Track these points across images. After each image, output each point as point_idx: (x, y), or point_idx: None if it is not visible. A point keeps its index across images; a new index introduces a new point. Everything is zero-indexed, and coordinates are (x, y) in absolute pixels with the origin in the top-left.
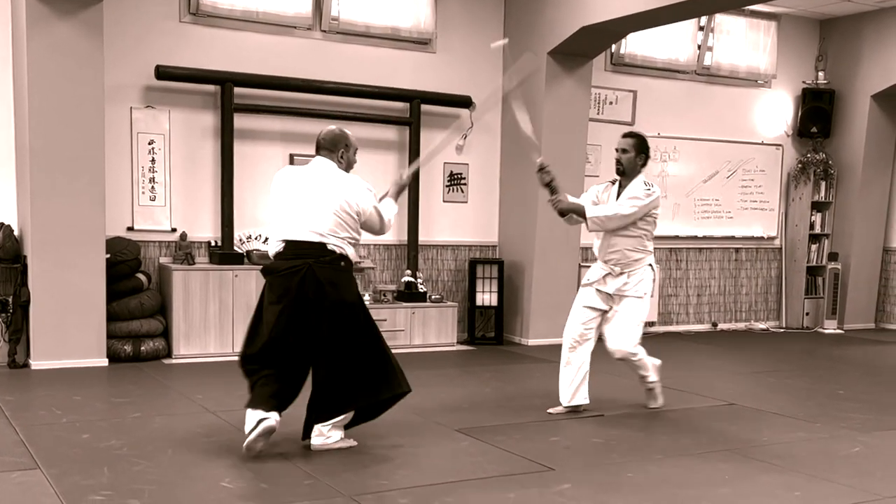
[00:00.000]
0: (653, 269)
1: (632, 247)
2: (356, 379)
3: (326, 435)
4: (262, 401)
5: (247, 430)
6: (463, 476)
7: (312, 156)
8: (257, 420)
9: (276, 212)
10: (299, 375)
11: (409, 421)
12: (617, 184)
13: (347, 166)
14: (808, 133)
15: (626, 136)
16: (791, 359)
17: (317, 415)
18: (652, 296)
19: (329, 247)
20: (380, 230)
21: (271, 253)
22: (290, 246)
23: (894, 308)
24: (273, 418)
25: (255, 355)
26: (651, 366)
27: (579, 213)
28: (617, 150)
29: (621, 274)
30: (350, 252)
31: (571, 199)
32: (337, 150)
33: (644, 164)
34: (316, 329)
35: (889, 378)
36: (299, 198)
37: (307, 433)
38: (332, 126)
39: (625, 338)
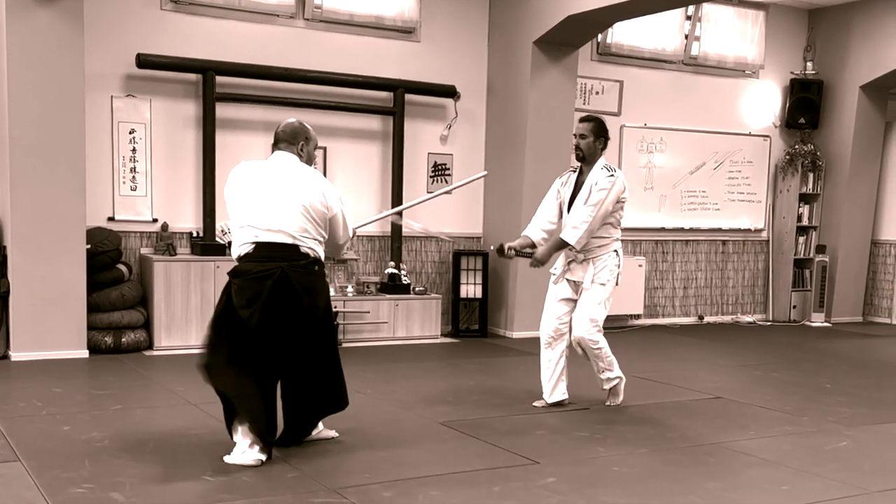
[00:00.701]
0: (618, 254)
1: (602, 233)
2: (331, 385)
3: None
4: (259, 434)
5: (238, 456)
6: (447, 469)
7: None
8: (253, 459)
9: (239, 210)
10: (270, 384)
11: (393, 414)
12: (578, 171)
13: (308, 160)
14: (796, 124)
15: (583, 120)
16: (778, 352)
17: (304, 427)
18: (617, 284)
19: (302, 249)
20: (342, 238)
21: (237, 254)
22: (261, 248)
23: (882, 301)
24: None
25: (222, 364)
26: (614, 361)
27: (559, 247)
28: (575, 135)
29: (585, 261)
30: (321, 253)
31: (536, 233)
32: (297, 142)
33: (604, 148)
34: (287, 335)
35: (877, 372)
36: (266, 195)
37: (293, 441)
38: (290, 119)
39: (583, 323)
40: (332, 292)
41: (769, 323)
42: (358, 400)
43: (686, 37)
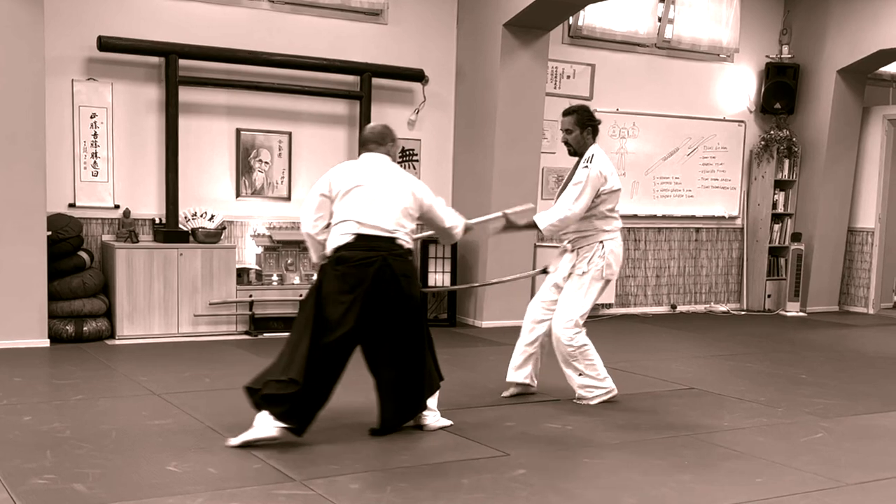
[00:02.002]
0: (603, 246)
1: (583, 226)
2: (425, 372)
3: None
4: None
5: (257, 433)
6: (416, 461)
7: (260, 130)
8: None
9: (339, 206)
10: (335, 378)
11: (360, 404)
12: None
13: (392, 159)
14: (771, 109)
15: (565, 114)
16: (752, 342)
17: (404, 415)
18: (604, 279)
19: (398, 241)
20: (448, 222)
21: (335, 245)
22: (361, 238)
23: (859, 291)
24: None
25: (326, 348)
26: (599, 366)
27: (531, 226)
28: (561, 130)
29: (572, 251)
30: (412, 245)
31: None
32: (385, 143)
33: (593, 135)
34: (386, 320)
35: (853, 362)
36: (364, 192)
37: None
38: (374, 123)
39: (558, 317)
40: (297, 280)
41: (743, 312)
42: None
43: (659, 19)
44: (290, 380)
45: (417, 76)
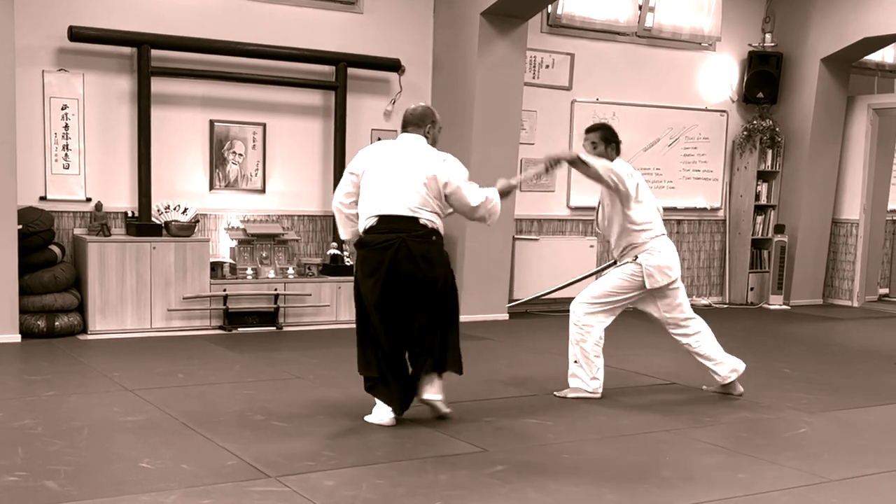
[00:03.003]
0: (636, 259)
1: (622, 241)
2: (447, 347)
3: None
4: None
5: (379, 417)
6: (392, 457)
7: (234, 121)
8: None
9: (366, 187)
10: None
11: (337, 401)
12: None
13: (433, 142)
14: (754, 99)
15: (590, 130)
16: (735, 336)
17: (429, 365)
18: (629, 287)
19: (421, 221)
20: (475, 201)
21: (363, 227)
22: (383, 220)
23: (843, 283)
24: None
25: (370, 332)
26: (595, 366)
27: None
28: (586, 145)
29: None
30: (440, 225)
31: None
32: (424, 125)
33: (617, 152)
34: (407, 303)
35: (837, 356)
36: (389, 172)
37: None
38: (420, 103)
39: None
40: (271, 274)
41: (725, 306)
42: (299, 386)
43: (640, 7)
44: (377, 380)
45: (394, 66)
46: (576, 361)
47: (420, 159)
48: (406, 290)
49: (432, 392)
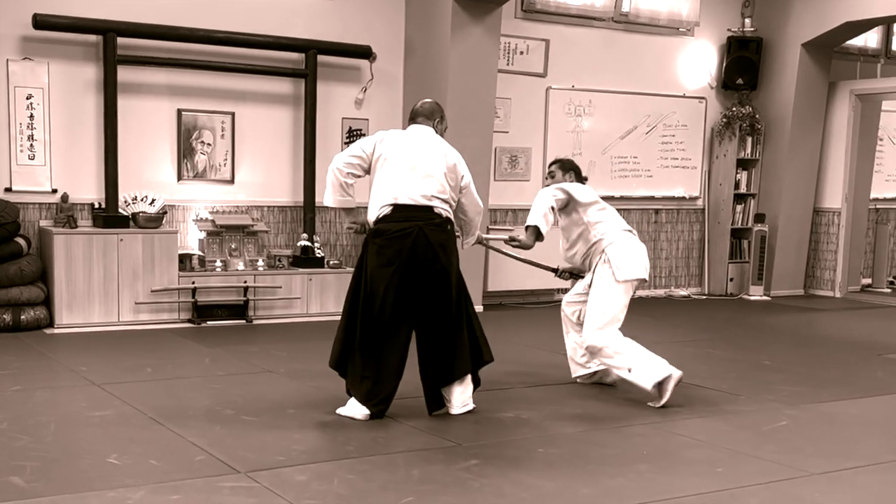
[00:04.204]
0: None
1: (582, 248)
2: (467, 342)
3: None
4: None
5: (352, 412)
6: (365, 452)
7: (202, 110)
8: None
9: (380, 175)
10: (403, 350)
11: (308, 394)
12: None
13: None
14: (733, 85)
15: (551, 164)
16: (714, 327)
17: (442, 378)
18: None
19: (436, 209)
20: (477, 213)
21: (375, 216)
22: (398, 209)
23: (825, 273)
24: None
25: (374, 325)
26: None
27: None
28: (546, 180)
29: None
30: (451, 215)
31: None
32: (434, 118)
33: (577, 179)
34: (424, 293)
35: (818, 348)
36: (404, 161)
37: (436, 404)
38: (427, 98)
39: (586, 324)
40: (241, 266)
41: (705, 297)
42: (269, 380)
43: None
44: (363, 377)
45: (365, 53)
46: (630, 370)
47: (441, 148)
48: (423, 280)
49: (464, 401)
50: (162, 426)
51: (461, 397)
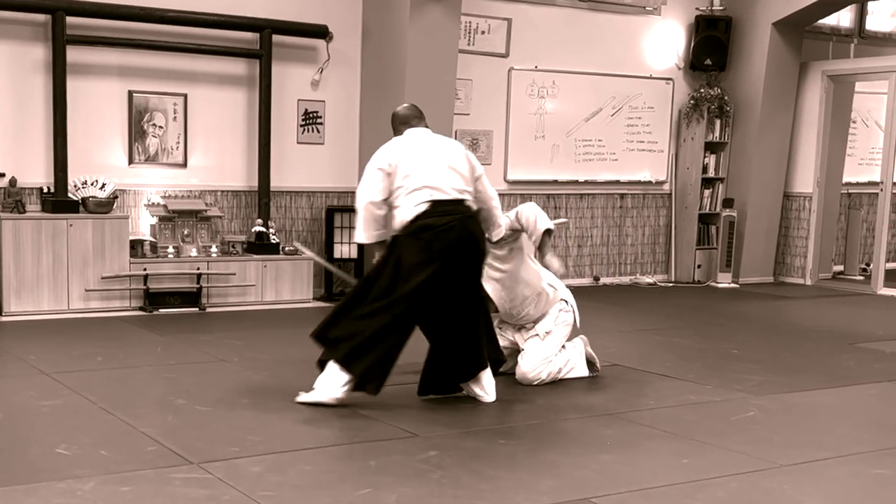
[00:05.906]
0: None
1: None
2: (486, 334)
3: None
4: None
5: (319, 396)
6: (320, 443)
7: (154, 92)
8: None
9: (408, 178)
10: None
11: (263, 384)
12: None
13: None
14: (701, 66)
15: None
16: (680, 315)
17: (473, 367)
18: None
19: (466, 202)
20: (495, 195)
21: (412, 215)
22: (436, 204)
23: (795, 260)
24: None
25: (404, 317)
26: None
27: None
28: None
29: None
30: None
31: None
32: (424, 118)
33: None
34: (459, 284)
35: (787, 337)
36: (429, 159)
37: (436, 389)
38: (406, 103)
39: None
40: (194, 252)
41: (671, 284)
42: (222, 369)
43: None
44: (374, 363)
45: (321, 33)
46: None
47: (451, 144)
48: (462, 271)
49: (493, 386)
50: (112, 416)
51: (491, 382)
